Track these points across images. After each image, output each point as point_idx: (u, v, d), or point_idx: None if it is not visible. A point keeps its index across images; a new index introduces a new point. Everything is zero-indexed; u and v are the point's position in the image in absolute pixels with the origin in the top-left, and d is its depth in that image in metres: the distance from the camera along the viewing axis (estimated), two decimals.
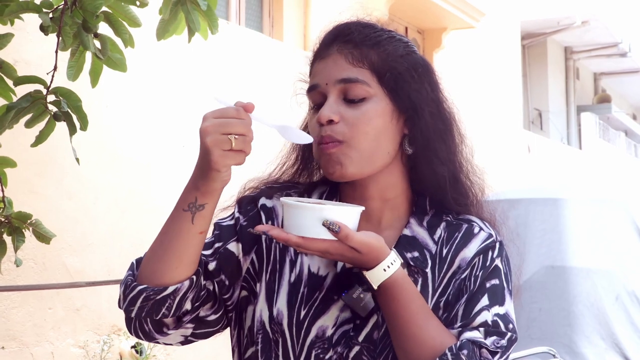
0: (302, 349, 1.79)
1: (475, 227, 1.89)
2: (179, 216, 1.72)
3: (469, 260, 1.84)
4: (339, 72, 1.80)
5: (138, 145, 6.01)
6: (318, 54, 1.86)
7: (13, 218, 3.39)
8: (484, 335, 1.76)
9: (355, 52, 1.82)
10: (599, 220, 6.41)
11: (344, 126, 1.78)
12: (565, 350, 5.69)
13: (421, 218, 1.88)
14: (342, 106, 1.79)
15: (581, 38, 19.26)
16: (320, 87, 1.82)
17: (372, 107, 1.80)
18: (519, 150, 13.63)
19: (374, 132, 1.80)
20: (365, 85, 1.80)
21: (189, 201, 1.70)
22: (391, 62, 1.83)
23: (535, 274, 6.25)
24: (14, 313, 5.08)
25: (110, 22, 3.21)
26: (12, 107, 3.11)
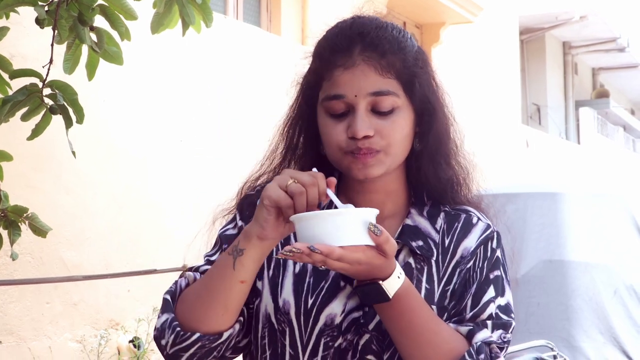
0: (310, 337, 1.79)
1: (474, 217, 1.93)
2: (223, 260, 1.72)
3: (472, 250, 1.88)
4: (370, 85, 1.79)
5: (135, 140, 6.00)
6: (339, 61, 1.81)
7: (9, 212, 3.38)
8: (491, 329, 1.81)
9: (382, 61, 1.80)
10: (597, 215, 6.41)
11: (379, 138, 1.79)
12: (563, 345, 5.69)
13: (421, 208, 1.91)
14: (373, 118, 1.79)
15: (579, 33, 19.25)
16: (347, 99, 1.79)
17: (401, 116, 1.82)
18: (518, 145, 13.63)
19: (403, 139, 1.83)
20: (395, 97, 1.80)
21: (234, 245, 1.71)
22: (411, 66, 1.84)
23: (533, 268, 6.25)
24: (12, 307, 5.07)
25: (106, 15, 3.20)
26: (8, 100, 3.11)
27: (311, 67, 1.90)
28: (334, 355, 1.79)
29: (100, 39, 3.20)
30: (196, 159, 6.45)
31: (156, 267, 5.51)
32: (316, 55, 1.88)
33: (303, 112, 1.92)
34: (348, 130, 1.79)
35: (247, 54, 7.11)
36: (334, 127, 1.81)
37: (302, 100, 1.92)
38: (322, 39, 1.89)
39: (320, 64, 1.85)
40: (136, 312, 5.85)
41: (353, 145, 1.78)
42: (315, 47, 1.90)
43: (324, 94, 1.83)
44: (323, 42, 1.88)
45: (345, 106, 1.80)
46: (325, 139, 1.83)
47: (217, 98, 6.74)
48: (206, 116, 6.63)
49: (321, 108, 1.84)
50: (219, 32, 6.63)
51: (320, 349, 1.79)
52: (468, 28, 12.57)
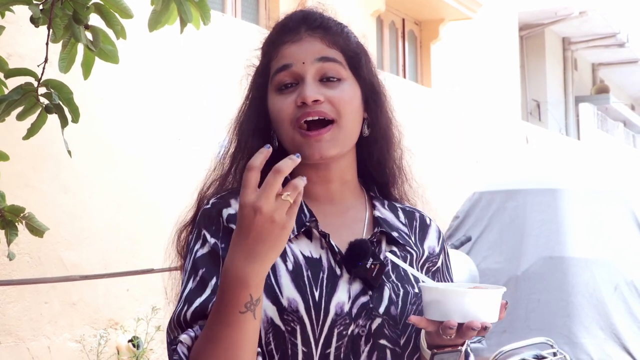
0: (322, 329, 1.77)
1: (426, 218, 2.02)
2: (237, 320, 1.59)
3: (437, 253, 1.97)
4: (317, 51, 1.85)
5: (133, 139, 5.99)
6: (286, 38, 1.88)
7: (6, 211, 3.37)
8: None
9: (327, 35, 1.87)
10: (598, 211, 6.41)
11: (329, 106, 1.82)
12: (564, 341, 5.70)
13: (382, 202, 1.98)
14: (322, 87, 1.83)
15: (579, 29, 19.25)
16: (295, 67, 1.84)
17: (348, 88, 1.86)
18: (517, 141, 13.62)
19: (353, 113, 1.86)
20: (341, 67, 1.86)
21: (244, 302, 1.58)
22: (354, 48, 1.90)
23: (533, 264, 6.25)
24: (10, 308, 5.06)
25: (101, 13, 3.19)
26: (3, 99, 3.09)
27: (260, 55, 1.96)
28: (347, 343, 1.78)
29: (95, 38, 3.18)
30: (194, 157, 6.44)
31: (155, 266, 5.49)
32: (265, 42, 1.96)
33: (255, 103, 1.94)
34: (297, 99, 1.81)
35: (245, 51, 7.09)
36: (284, 101, 1.84)
37: (254, 91, 1.95)
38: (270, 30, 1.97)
39: (268, 47, 1.92)
40: (135, 312, 5.85)
41: (303, 112, 1.81)
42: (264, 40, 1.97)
43: (272, 72, 1.87)
44: (271, 30, 1.97)
45: (293, 77, 1.84)
46: (275, 117, 1.85)
47: (215, 96, 6.72)
48: (203, 114, 6.62)
49: (271, 88, 1.87)
50: (216, 29, 6.62)
51: (333, 340, 1.78)
52: (467, 24, 12.57)
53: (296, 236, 1.84)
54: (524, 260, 6.31)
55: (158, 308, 5.75)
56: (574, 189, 6.58)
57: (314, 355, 1.78)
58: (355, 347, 1.79)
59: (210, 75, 6.71)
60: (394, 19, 11.69)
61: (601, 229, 6.28)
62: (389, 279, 1.84)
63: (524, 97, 17.78)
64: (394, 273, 1.85)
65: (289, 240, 1.81)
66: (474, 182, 9.77)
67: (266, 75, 1.90)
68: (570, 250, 6.14)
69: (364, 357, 1.79)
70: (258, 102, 1.93)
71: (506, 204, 6.78)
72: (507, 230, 6.61)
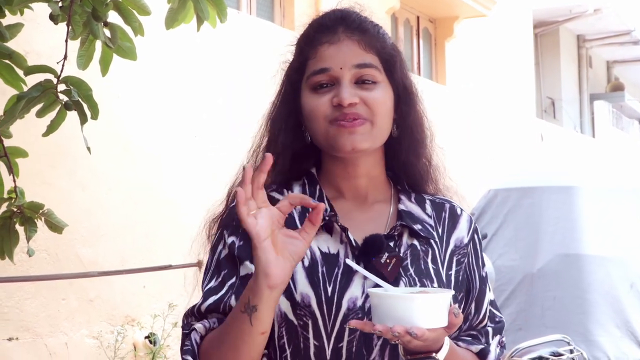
0: (334, 324, 1.80)
1: (457, 208, 2.03)
2: (238, 317, 1.70)
3: (466, 243, 1.98)
4: (354, 57, 1.88)
5: (150, 135, 6.00)
6: (324, 38, 1.91)
7: (25, 208, 3.38)
8: (492, 335, 1.99)
9: (365, 38, 1.90)
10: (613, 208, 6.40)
11: (364, 107, 1.86)
12: (580, 339, 5.68)
13: (408, 195, 1.99)
14: (357, 90, 1.86)
15: (594, 26, 19.17)
16: (333, 71, 1.87)
17: (382, 90, 1.89)
18: (532, 139, 13.59)
19: (386, 114, 1.90)
20: (377, 71, 1.89)
21: (244, 302, 1.69)
22: (389, 51, 1.93)
23: (549, 262, 6.24)
24: (28, 304, 5.08)
25: (119, 10, 3.21)
26: (23, 96, 3.11)
27: (295, 51, 1.98)
28: (359, 338, 1.80)
29: (113, 35, 3.20)
30: (210, 154, 6.45)
31: (171, 262, 5.51)
32: (300, 39, 1.98)
33: (288, 99, 1.97)
34: (334, 99, 1.85)
35: (260, 49, 7.11)
36: (319, 99, 1.88)
37: (288, 87, 1.97)
38: (307, 26, 1.98)
39: (304, 44, 1.94)
40: (152, 308, 5.86)
41: (339, 113, 1.85)
42: (299, 36, 1.99)
43: (309, 72, 1.90)
44: (307, 27, 1.98)
45: (330, 79, 1.88)
46: (310, 113, 1.88)
47: (231, 93, 6.74)
48: (220, 112, 6.63)
49: (306, 87, 1.90)
50: (232, 27, 6.63)
51: (345, 335, 1.80)
52: (482, 22, 12.54)
53: None
54: (539, 257, 6.30)
55: (175, 305, 5.77)
56: (589, 187, 6.57)
57: (326, 350, 1.80)
58: (367, 342, 1.80)
59: (226, 73, 6.72)
60: (408, 17, 11.68)
61: (617, 226, 6.27)
62: (406, 274, 1.85)
63: (538, 95, 17.73)
64: (412, 267, 1.86)
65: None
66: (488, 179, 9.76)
67: (301, 73, 1.93)
68: (586, 247, 6.13)
69: (376, 351, 1.80)
70: (291, 98, 1.95)
71: (522, 201, 6.78)
72: (522, 227, 6.61)
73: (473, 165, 10.89)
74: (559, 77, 19.15)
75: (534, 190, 6.77)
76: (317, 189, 1.94)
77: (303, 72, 1.92)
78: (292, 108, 1.94)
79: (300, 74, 1.93)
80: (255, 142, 2.04)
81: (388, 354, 1.81)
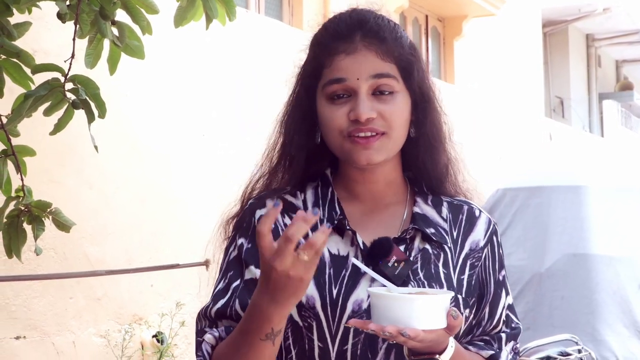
0: (338, 326, 1.80)
1: (476, 210, 2.00)
2: (258, 345, 1.69)
3: (482, 246, 1.95)
4: (371, 67, 1.84)
5: (158, 134, 6.00)
6: (340, 47, 1.86)
7: (33, 207, 3.38)
8: (505, 341, 1.96)
9: (382, 47, 1.86)
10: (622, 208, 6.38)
11: (381, 120, 1.83)
12: (588, 339, 5.67)
13: (425, 198, 1.97)
14: (374, 102, 1.83)
15: (603, 25, 19.13)
16: (349, 81, 1.83)
17: (400, 100, 1.86)
18: (541, 138, 13.57)
19: (403, 124, 1.87)
20: (394, 80, 1.85)
21: (266, 332, 1.68)
22: (407, 54, 1.90)
23: (557, 262, 6.23)
24: (35, 302, 5.09)
25: (127, 9, 3.20)
26: (30, 95, 3.11)
27: (310, 56, 1.93)
28: (364, 340, 1.80)
29: (121, 33, 3.20)
30: (219, 153, 6.45)
31: (179, 261, 5.51)
32: (315, 43, 1.92)
33: (301, 102, 1.94)
34: (350, 113, 1.82)
35: (269, 48, 7.10)
36: (336, 111, 1.84)
37: (301, 90, 1.94)
38: (321, 28, 1.93)
39: (320, 51, 1.89)
40: (159, 307, 5.86)
41: (354, 127, 1.82)
42: (313, 38, 1.94)
43: (325, 80, 1.86)
44: (322, 31, 1.93)
45: (346, 90, 1.84)
46: (326, 124, 1.86)
47: (239, 92, 6.73)
48: (228, 110, 6.63)
49: (321, 95, 1.87)
50: (240, 26, 6.63)
51: (350, 337, 1.80)
52: (490, 21, 12.52)
53: None
54: (547, 257, 6.29)
55: (182, 304, 5.77)
56: (598, 186, 6.55)
57: (331, 351, 1.80)
58: (372, 344, 1.80)
59: (235, 71, 6.72)
60: (417, 16, 11.67)
61: (625, 226, 6.26)
62: (415, 277, 1.84)
63: (547, 94, 17.70)
64: (422, 271, 1.85)
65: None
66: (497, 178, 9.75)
67: (316, 78, 1.89)
68: (594, 247, 6.11)
69: (381, 354, 1.80)
70: (305, 101, 1.93)
71: (530, 200, 6.76)
72: (530, 227, 6.59)
73: (482, 165, 10.88)
74: (567, 77, 19.11)
75: (542, 190, 6.76)
76: (329, 192, 1.93)
77: (318, 77, 1.89)
78: (306, 110, 1.92)
79: (315, 79, 1.90)
80: (270, 144, 2.02)
81: (394, 357, 1.80)
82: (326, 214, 1.90)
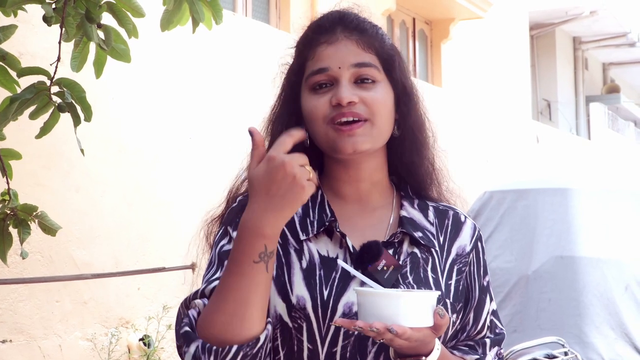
0: (328, 328, 1.79)
1: (461, 215, 2.00)
2: (250, 270, 1.67)
3: (468, 251, 1.95)
4: (353, 56, 1.86)
5: (144, 137, 6.00)
6: (322, 39, 1.89)
7: (18, 210, 3.38)
8: (489, 347, 1.95)
9: (363, 38, 1.88)
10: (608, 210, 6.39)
11: (363, 106, 1.84)
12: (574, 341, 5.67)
13: (411, 201, 1.97)
14: (356, 89, 1.85)
15: (590, 28, 19.20)
16: (331, 71, 1.85)
17: (381, 90, 1.87)
18: (528, 141, 13.60)
19: (386, 114, 1.88)
20: (376, 70, 1.87)
21: (259, 251, 1.66)
22: (388, 50, 1.91)
23: (544, 264, 6.23)
24: (21, 306, 5.08)
25: (113, 12, 3.20)
26: (16, 98, 3.10)
27: (295, 54, 1.96)
28: (354, 343, 1.79)
29: (107, 37, 3.19)
30: (205, 156, 6.45)
31: (166, 264, 5.51)
32: (299, 41, 1.95)
33: (288, 100, 1.95)
34: (332, 99, 1.84)
35: (256, 50, 7.10)
36: (318, 100, 1.86)
37: (287, 88, 1.96)
38: (305, 28, 1.97)
39: (303, 46, 1.93)
40: (146, 310, 5.86)
41: (338, 112, 1.83)
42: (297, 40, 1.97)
43: (308, 72, 1.88)
44: (306, 30, 1.96)
45: (329, 79, 1.86)
46: (309, 114, 1.86)
47: (226, 95, 6.73)
48: (215, 113, 6.63)
49: (306, 87, 1.89)
50: (227, 29, 6.63)
51: (340, 339, 1.79)
52: (478, 24, 12.55)
53: (316, 235, 1.87)
54: (534, 259, 6.30)
55: (169, 307, 5.76)
56: (585, 189, 6.56)
57: (320, 354, 1.79)
58: (362, 347, 1.79)
59: (222, 74, 6.72)
60: (404, 18, 11.69)
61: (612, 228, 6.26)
62: (404, 281, 1.83)
63: (534, 97, 17.75)
64: (411, 275, 1.85)
65: (307, 239, 1.86)
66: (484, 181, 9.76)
67: (300, 74, 1.91)
68: (581, 249, 6.12)
69: (370, 357, 1.79)
70: (291, 100, 1.94)
71: (517, 203, 6.77)
72: (517, 229, 6.60)
73: (468, 167, 10.89)
74: (554, 79, 19.17)
75: (529, 192, 6.76)
76: (318, 194, 1.93)
77: (302, 73, 1.90)
78: (292, 110, 1.93)
79: (299, 75, 1.91)
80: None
81: (383, 359, 1.79)
82: (316, 215, 1.89)
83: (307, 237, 1.86)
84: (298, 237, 1.87)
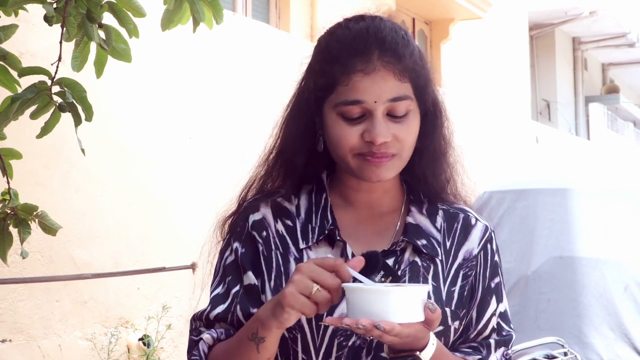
0: (322, 339, 1.79)
1: (472, 218, 1.97)
2: (245, 343, 1.74)
3: (475, 255, 1.92)
4: (389, 91, 1.78)
5: (145, 137, 5.99)
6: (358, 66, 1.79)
7: (19, 210, 3.38)
8: (494, 347, 1.91)
9: (399, 66, 1.80)
10: (608, 211, 6.39)
11: (395, 142, 1.80)
12: (574, 341, 5.68)
13: (420, 206, 1.94)
14: (389, 123, 1.79)
15: (589, 28, 19.20)
16: (367, 104, 1.78)
17: (413, 119, 1.83)
18: (527, 141, 13.60)
19: (413, 141, 1.84)
20: (410, 101, 1.82)
21: (252, 331, 1.72)
22: (420, 69, 1.85)
23: (543, 264, 6.23)
24: (21, 306, 5.07)
25: (114, 12, 3.20)
26: (17, 98, 3.10)
27: (321, 67, 1.85)
28: (348, 354, 1.79)
29: (108, 37, 3.19)
30: (205, 156, 6.45)
31: (166, 264, 5.51)
32: (329, 56, 1.84)
33: (306, 110, 1.89)
34: (365, 134, 1.78)
35: (256, 50, 7.10)
36: (349, 130, 1.80)
37: (309, 99, 1.88)
38: (334, 40, 1.85)
39: (335, 67, 1.81)
40: (146, 310, 5.86)
41: (368, 149, 1.79)
42: (324, 48, 1.87)
43: (339, 98, 1.80)
44: (335, 43, 1.84)
45: (362, 111, 1.79)
46: (337, 142, 1.81)
47: (226, 95, 6.73)
48: (215, 113, 6.63)
49: (333, 111, 1.81)
50: (227, 29, 6.63)
51: (334, 350, 1.79)
52: (477, 24, 12.56)
53: (316, 243, 1.86)
54: (534, 259, 6.30)
55: (169, 307, 5.76)
56: (584, 189, 6.56)
57: None
58: (356, 358, 1.79)
59: (222, 74, 6.72)
60: (404, 19, 11.67)
61: (611, 228, 6.26)
62: None
63: (533, 97, 17.75)
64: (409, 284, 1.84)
65: (307, 248, 1.85)
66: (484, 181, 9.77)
67: (328, 92, 1.82)
68: (581, 250, 6.12)
69: None
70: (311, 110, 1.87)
71: (516, 203, 6.77)
72: (517, 229, 6.60)
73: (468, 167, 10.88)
74: (554, 80, 19.17)
75: (528, 193, 6.76)
76: (323, 198, 1.91)
77: (330, 92, 1.82)
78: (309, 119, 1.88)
79: (326, 92, 1.83)
80: (268, 146, 1.98)
81: None
82: (318, 222, 1.87)
83: (307, 245, 1.85)
84: (298, 245, 1.86)
